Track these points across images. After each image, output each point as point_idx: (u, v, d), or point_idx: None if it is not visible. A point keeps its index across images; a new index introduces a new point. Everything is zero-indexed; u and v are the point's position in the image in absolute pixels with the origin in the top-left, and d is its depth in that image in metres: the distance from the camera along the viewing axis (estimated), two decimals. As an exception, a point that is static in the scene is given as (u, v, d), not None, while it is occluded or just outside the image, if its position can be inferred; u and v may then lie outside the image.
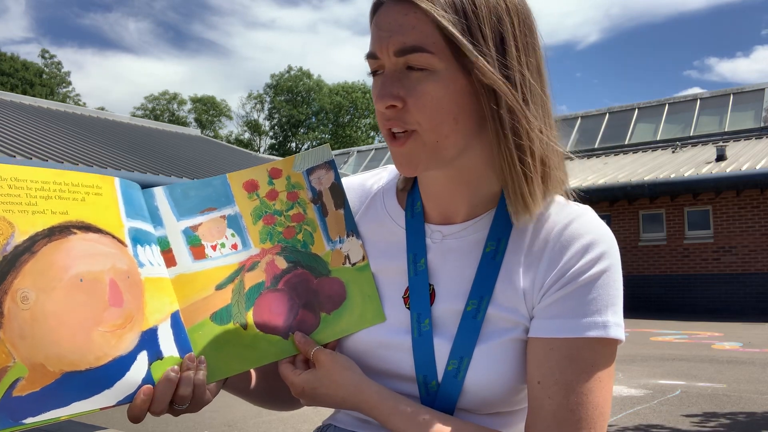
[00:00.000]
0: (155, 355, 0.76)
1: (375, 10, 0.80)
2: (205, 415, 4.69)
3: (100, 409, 0.71)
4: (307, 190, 0.90)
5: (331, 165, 0.92)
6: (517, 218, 0.81)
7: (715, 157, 13.80)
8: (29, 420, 0.66)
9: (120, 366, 0.73)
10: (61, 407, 0.68)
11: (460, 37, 0.74)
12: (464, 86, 0.77)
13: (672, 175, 13.08)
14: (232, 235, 0.87)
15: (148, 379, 0.75)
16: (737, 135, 15.82)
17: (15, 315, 0.68)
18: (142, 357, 0.75)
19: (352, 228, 0.91)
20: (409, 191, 0.92)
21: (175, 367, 0.77)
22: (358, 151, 23.61)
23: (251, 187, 0.89)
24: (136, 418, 0.75)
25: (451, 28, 0.74)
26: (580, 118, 18.49)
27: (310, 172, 0.91)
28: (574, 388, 0.76)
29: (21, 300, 0.68)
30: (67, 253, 0.73)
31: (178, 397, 0.77)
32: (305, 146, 43.98)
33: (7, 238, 0.69)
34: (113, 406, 0.73)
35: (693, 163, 13.92)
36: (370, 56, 0.80)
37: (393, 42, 0.77)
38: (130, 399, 0.74)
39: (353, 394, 0.82)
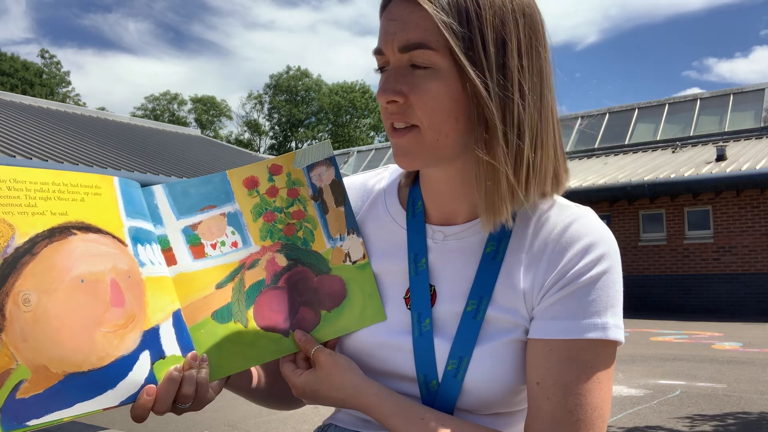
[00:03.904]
0: (158, 354, 0.76)
1: (384, 6, 0.81)
2: (205, 415, 4.69)
3: (104, 409, 0.71)
4: (308, 186, 0.90)
5: (331, 161, 0.91)
6: (481, 226, 0.81)
7: (715, 157, 13.79)
8: (33, 422, 0.66)
9: (123, 366, 0.73)
10: (64, 408, 0.68)
11: (453, 43, 0.74)
12: (466, 87, 0.76)
13: (672, 175, 13.07)
14: (233, 232, 0.87)
15: (150, 378, 0.75)
16: (737, 135, 15.81)
17: (17, 317, 0.67)
18: (145, 357, 0.75)
19: (352, 225, 0.91)
20: (410, 191, 0.92)
21: (178, 366, 0.77)
22: (358, 151, 23.60)
23: (251, 184, 0.88)
24: (139, 417, 0.74)
25: (446, 33, 0.74)
26: (580, 118, 18.47)
27: (310, 168, 0.90)
28: (573, 389, 0.76)
29: (23, 302, 0.68)
30: (67, 254, 0.72)
31: (181, 396, 0.77)
32: (305, 145, 43.91)
33: (8, 240, 0.69)
34: (116, 406, 0.72)
35: (693, 163, 13.91)
36: (377, 52, 0.80)
37: (398, 38, 0.77)
38: (133, 399, 0.73)
39: (353, 395, 0.82)
